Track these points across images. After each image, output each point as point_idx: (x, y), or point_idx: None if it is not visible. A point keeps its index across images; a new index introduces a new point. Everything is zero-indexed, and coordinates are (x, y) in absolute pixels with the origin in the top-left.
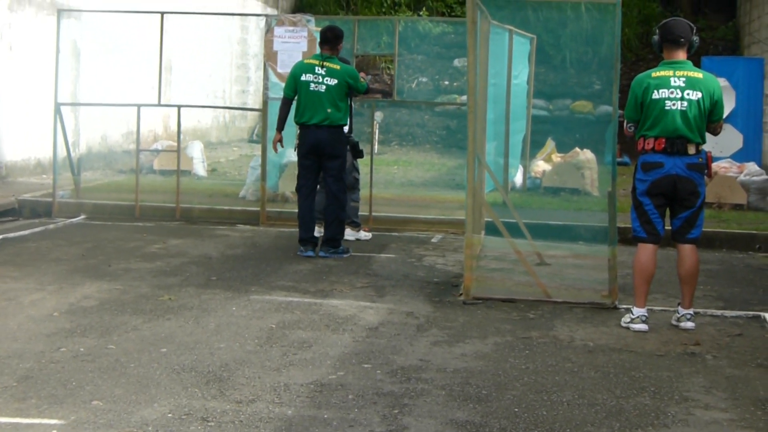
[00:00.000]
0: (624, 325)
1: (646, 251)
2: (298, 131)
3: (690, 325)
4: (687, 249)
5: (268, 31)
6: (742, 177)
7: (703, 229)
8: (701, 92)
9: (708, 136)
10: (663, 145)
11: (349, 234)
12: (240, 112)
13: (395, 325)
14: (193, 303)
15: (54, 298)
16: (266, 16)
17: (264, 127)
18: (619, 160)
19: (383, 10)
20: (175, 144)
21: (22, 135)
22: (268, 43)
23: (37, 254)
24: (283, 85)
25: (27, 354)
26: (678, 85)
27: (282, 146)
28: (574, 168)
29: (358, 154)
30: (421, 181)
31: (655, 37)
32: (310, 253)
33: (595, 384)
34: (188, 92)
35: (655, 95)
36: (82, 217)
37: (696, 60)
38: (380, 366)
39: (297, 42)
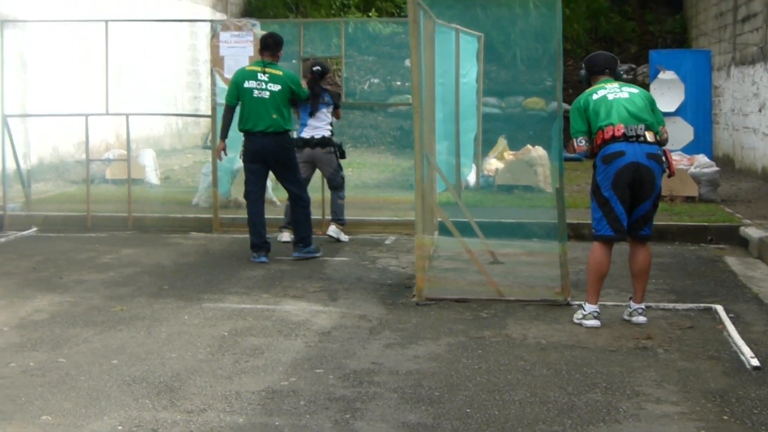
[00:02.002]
0: (576, 321)
1: (603, 249)
2: (244, 138)
3: (642, 319)
4: (640, 244)
5: (214, 36)
6: (692, 169)
7: (656, 223)
8: (637, 90)
9: None
10: (622, 131)
11: (333, 231)
12: (193, 118)
13: (348, 329)
14: (145, 313)
15: (4, 313)
16: (211, 21)
17: (213, 133)
18: (574, 155)
19: (332, 12)
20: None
21: None
22: (214, 48)
23: None
24: None
25: None
26: (615, 87)
27: (226, 154)
28: (526, 165)
29: (343, 155)
30: (374, 183)
31: (582, 72)
32: (264, 259)
33: (547, 381)
34: (140, 100)
35: (596, 97)
36: (34, 229)
37: (644, 54)
38: (332, 370)
39: (243, 47)
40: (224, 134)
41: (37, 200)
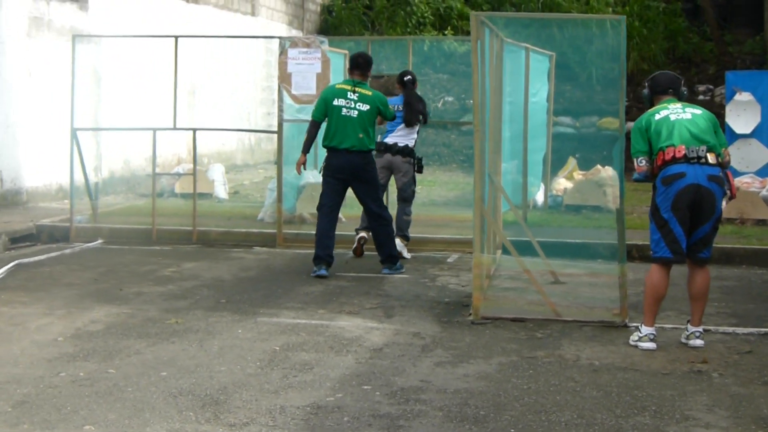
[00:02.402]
0: (632, 343)
1: (661, 271)
2: (326, 154)
3: (699, 342)
4: (698, 267)
5: (282, 53)
6: (764, 192)
7: (724, 245)
8: (700, 110)
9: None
10: (683, 152)
11: (398, 245)
12: (266, 134)
13: (400, 346)
14: (200, 326)
15: (61, 323)
16: (279, 38)
17: (279, 148)
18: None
19: (408, 30)
20: (197, 167)
21: (43, 160)
22: (282, 65)
23: (50, 279)
24: (297, 107)
25: (26, 379)
26: (677, 108)
27: (305, 168)
28: (595, 185)
29: (420, 169)
30: (443, 201)
31: (645, 91)
32: (323, 272)
33: (596, 403)
34: (213, 115)
35: (658, 117)
36: (99, 241)
37: (722, 75)
38: (380, 387)
39: (311, 63)
40: (307, 148)
41: (105, 213)
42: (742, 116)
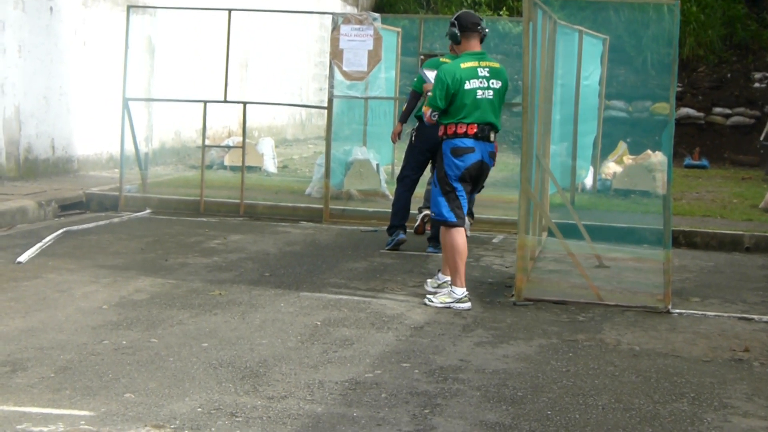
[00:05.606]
0: (441, 304)
1: (461, 234)
2: (417, 124)
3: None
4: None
5: (335, 29)
6: None
7: None
8: (501, 81)
9: None
10: (475, 130)
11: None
12: (317, 110)
13: (441, 325)
14: (243, 299)
15: (106, 291)
16: (332, 14)
17: (329, 124)
18: (697, 162)
19: (463, 9)
20: (247, 140)
21: (95, 129)
22: (334, 41)
23: (97, 247)
24: (348, 83)
25: (70, 345)
26: (484, 75)
27: (400, 138)
28: (645, 170)
29: None
30: (491, 182)
31: (454, 29)
32: (402, 235)
33: (634, 388)
34: (265, 89)
35: (467, 85)
36: (148, 211)
37: None
38: (419, 365)
39: (363, 40)
40: (405, 118)
41: (154, 183)
42: None
